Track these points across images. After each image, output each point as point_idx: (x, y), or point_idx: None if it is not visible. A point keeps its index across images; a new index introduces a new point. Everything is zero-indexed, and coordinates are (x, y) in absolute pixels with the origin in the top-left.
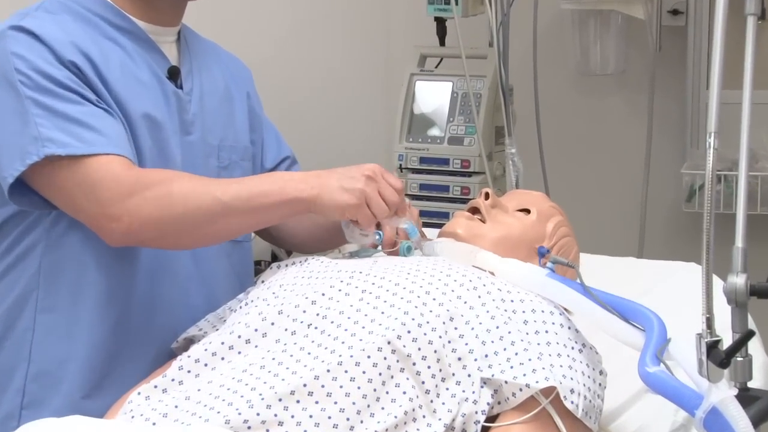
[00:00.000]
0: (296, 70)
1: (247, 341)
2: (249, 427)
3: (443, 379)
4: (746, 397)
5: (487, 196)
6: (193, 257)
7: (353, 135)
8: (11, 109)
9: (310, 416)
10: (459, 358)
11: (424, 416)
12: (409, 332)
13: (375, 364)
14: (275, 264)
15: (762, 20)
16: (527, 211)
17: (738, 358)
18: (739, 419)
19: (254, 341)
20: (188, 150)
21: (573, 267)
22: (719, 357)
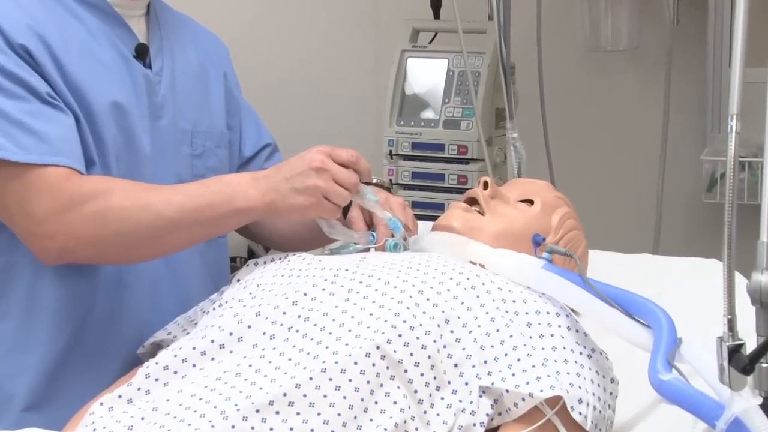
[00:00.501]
0: (274, 47)
1: (221, 346)
2: None
3: (438, 388)
4: None
5: (486, 186)
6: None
7: (338, 119)
8: None
9: (291, 429)
10: (455, 365)
11: (417, 429)
12: (401, 336)
13: (363, 371)
14: (252, 261)
15: None
16: (530, 202)
17: (763, 364)
18: (765, 431)
19: (229, 346)
20: (158, 136)
21: (571, 256)
22: (742, 362)
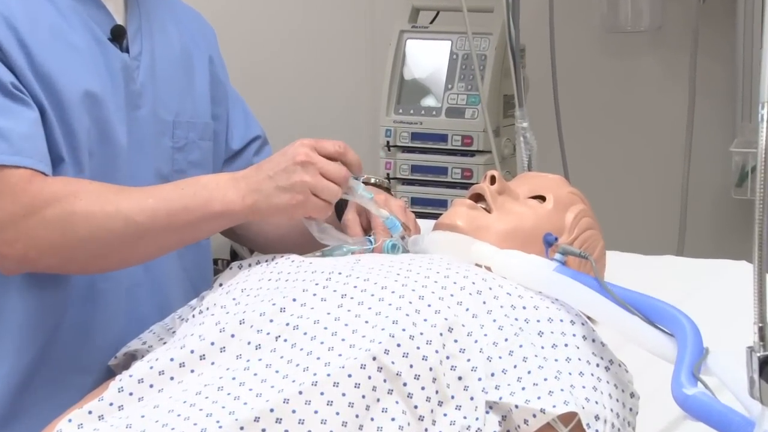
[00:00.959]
0: (258, 27)
1: (202, 357)
2: None
3: (440, 403)
4: None
5: (494, 180)
6: None
7: (329, 107)
8: None
9: None
10: (459, 378)
11: None
12: (399, 346)
13: (357, 385)
14: (236, 263)
15: None
16: (542, 199)
17: None
18: None
19: (210, 357)
20: (136, 128)
21: (586, 257)
22: None
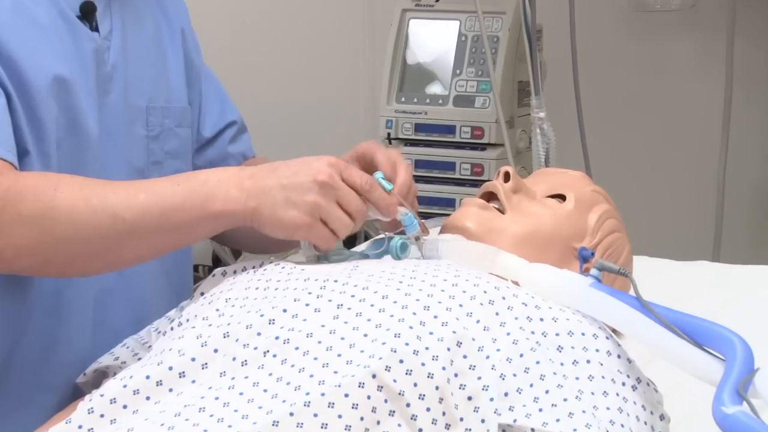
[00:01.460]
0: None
1: (181, 374)
2: None
3: (447, 426)
4: None
5: (508, 177)
6: None
7: (324, 94)
8: None
9: None
10: (469, 398)
11: None
12: (402, 362)
13: (355, 406)
14: (219, 270)
15: None
16: (561, 198)
17: None
18: None
19: (191, 374)
20: (107, 115)
21: (626, 275)
22: None
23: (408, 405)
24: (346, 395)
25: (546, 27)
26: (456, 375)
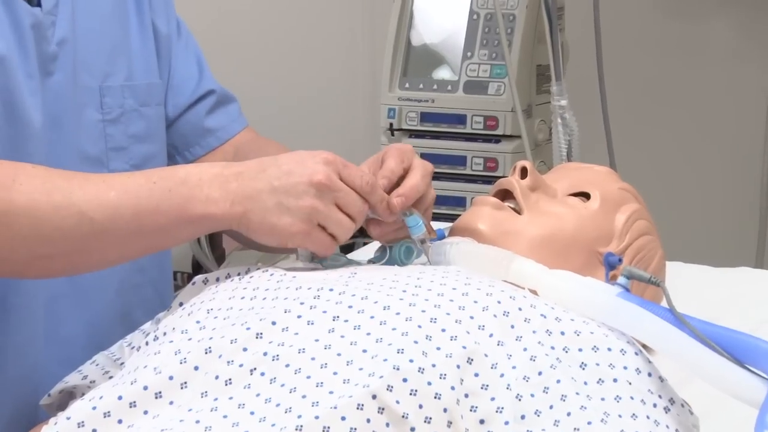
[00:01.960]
0: None
1: (158, 395)
2: None
3: None
4: None
5: (525, 173)
6: None
7: (319, 80)
8: None
9: None
10: (481, 421)
11: None
12: (406, 381)
13: (353, 430)
14: (200, 277)
15: None
16: (585, 196)
17: None
18: None
19: (168, 395)
20: (51, 99)
21: (658, 284)
22: None
23: (412, 429)
24: (343, 418)
25: (568, 4)
26: (466, 395)
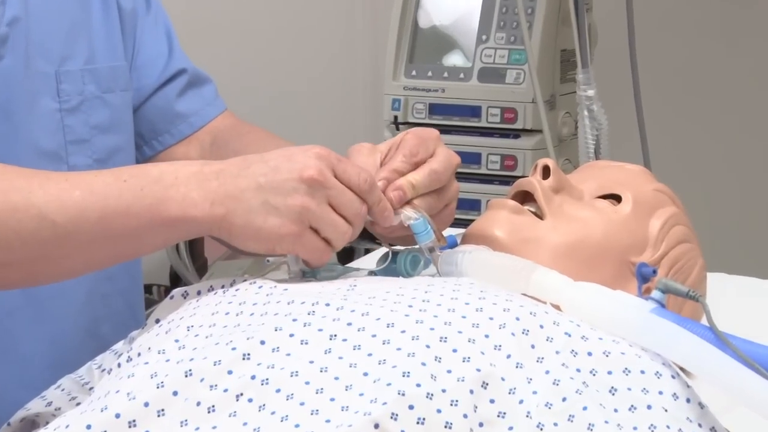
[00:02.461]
0: None
1: (132, 424)
2: None
3: None
4: None
5: (547, 173)
6: None
7: (315, 68)
8: None
9: None
10: None
11: None
12: (412, 408)
13: None
14: (178, 291)
15: None
16: (616, 199)
17: None
18: None
19: (144, 424)
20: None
21: (697, 299)
22: None
23: None
24: None
25: None
26: (481, 425)
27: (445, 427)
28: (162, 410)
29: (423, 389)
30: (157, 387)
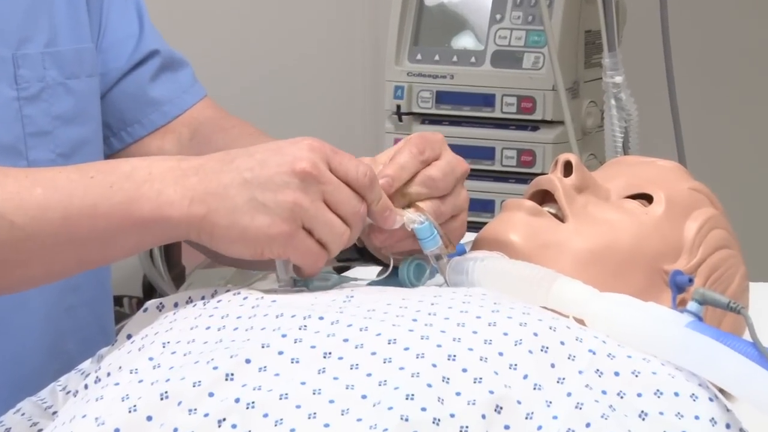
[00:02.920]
0: None
1: None
2: None
3: None
4: None
5: (569, 169)
6: None
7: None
8: None
9: None
10: None
11: None
12: None
13: None
14: (152, 302)
15: None
16: (647, 199)
17: None
18: None
19: None
20: None
21: (739, 311)
22: None
23: None
24: None
25: None
26: None
27: None
28: None
29: (429, 414)
30: (129, 411)
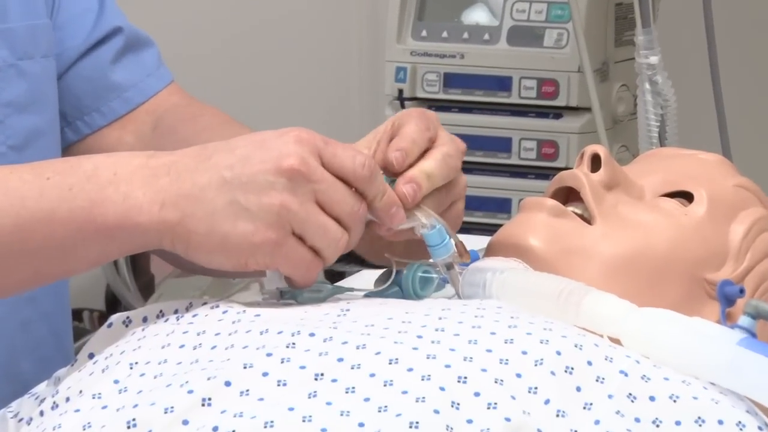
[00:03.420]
0: None
1: None
2: None
3: None
4: None
5: (598, 163)
6: None
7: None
8: None
9: None
10: None
11: None
12: None
13: None
14: (118, 317)
15: None
16: (686, 198)
17: None
18: None
19: None
20: None
21: None
22: None
23: None
24: None
25: None
26: None
27: None
28: None
29: None
30: None
